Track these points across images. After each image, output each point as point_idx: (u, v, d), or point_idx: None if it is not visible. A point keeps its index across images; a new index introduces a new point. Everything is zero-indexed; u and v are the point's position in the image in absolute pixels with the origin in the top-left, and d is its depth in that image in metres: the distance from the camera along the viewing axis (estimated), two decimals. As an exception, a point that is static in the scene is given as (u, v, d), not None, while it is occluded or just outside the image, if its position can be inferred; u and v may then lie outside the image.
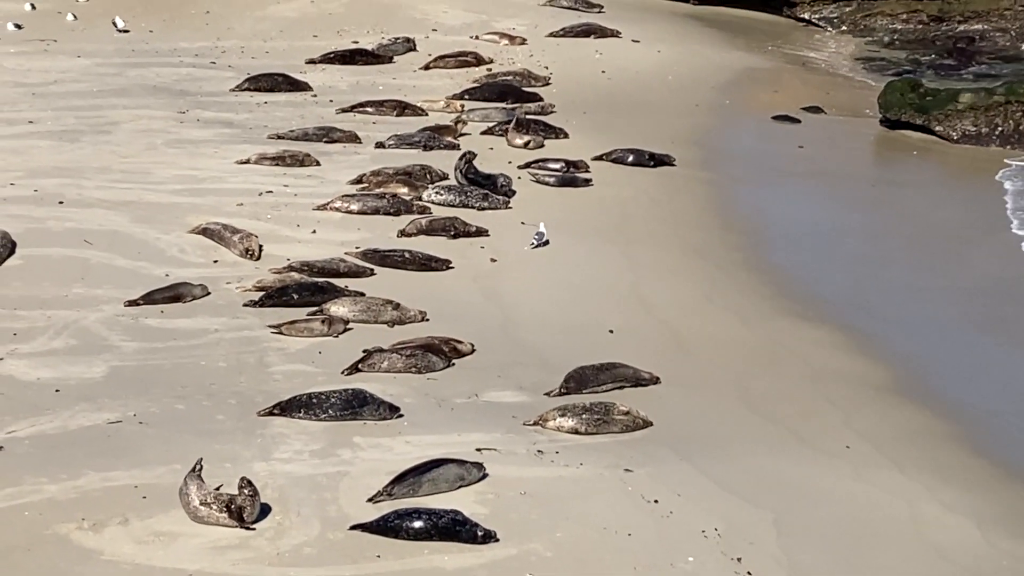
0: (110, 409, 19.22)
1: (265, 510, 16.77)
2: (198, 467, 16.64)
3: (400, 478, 17.35)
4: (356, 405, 19.35)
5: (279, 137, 31.88)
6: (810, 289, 26.01)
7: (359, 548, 16.27)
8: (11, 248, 24.33)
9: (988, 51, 46.48)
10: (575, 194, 30.03)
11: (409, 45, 40.47)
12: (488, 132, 33.12)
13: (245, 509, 16.47)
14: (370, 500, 17.11)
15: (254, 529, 16.47)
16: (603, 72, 39.59)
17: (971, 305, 25.70)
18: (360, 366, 20.93)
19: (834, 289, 26.20)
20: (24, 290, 23.01)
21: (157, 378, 20.32)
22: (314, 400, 19.34)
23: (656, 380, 21.26)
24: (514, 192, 29.09)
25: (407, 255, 25.27)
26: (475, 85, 37.15)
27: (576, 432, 19.43)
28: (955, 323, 25.05)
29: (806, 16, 49.57)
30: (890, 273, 27.09)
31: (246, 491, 16.49)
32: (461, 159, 29.18)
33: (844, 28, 49.13)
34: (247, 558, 16.02)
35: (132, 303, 22.75)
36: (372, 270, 24.69)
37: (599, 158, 32.14)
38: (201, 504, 16.47)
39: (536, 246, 26.47)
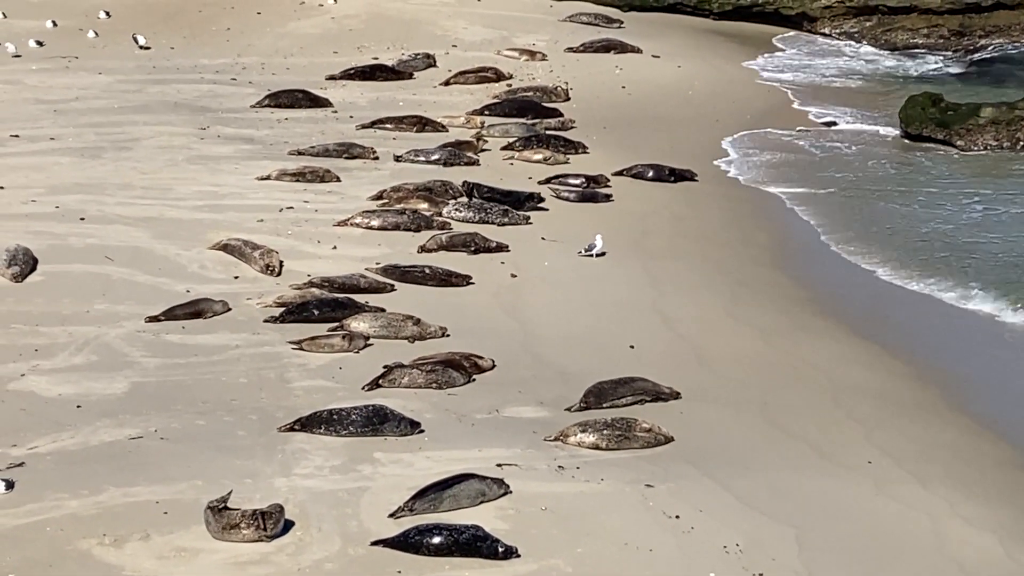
0: (131, 425, 19.26)
1: (286, 525, 16.77)
2: (223, 502, 16.58)
3: (421, 493, 17.35)
4: (377, 421, 19.36)
5: (299, 153, 31.96)
6: (832, 304, 25.93)
7: (380, 564, 16.26)
8: (33, 264, 24.39)
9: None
10: (595, 209, 30.06)
11: (429, 61, 40.53)
12: (508, 148, 33.18)
13: (271, 517, 16.46)
14: (392, 516, 17.11)
15: (270, 540, 16.49)
16: (623, 87, 39.61)
17: (992, 320, 25.60)
18: (380, 382, 20.94)
19: (856, 303, 26.11)
20: (45, 306, 23.08)
21: (178, 394, 20.36)
22: (335, 416, 19.36)
23: (677, 395, 21.22)
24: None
25: (427, 271, 25.29)
26: (495, 101, 37.19)
27: (597, 448, 19.41)
28: (977, 337, 24.95)
29: (827, 31, 49.51)
30: (913, 288, 27.00)
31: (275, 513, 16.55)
32: (462, 188, 29.24)
33: (865, 43, 49.05)
34: (268, 573, 16.02)
35: (153, 319, 22.80)
36: (392, 286, 24.71)
37: (619, 173, 32.19)
38: (226, 530, 16.47)
39: (585, 254, 26.77)
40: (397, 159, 31.83)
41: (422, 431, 19.48)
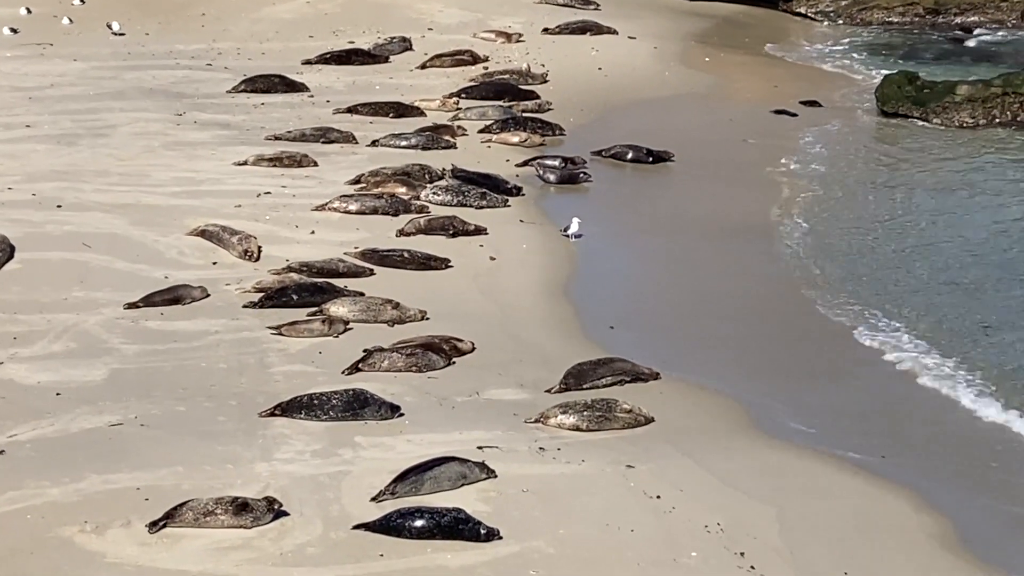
0: (111, 412, 19.22)
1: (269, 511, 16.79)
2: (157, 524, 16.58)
3: (402, 476, 17.36)
4: (357, 405, 19.35)
5: (276, 138, 31.89)
6: (811, 283, 25.95)
7: (362, 547, 16.27)
8: (10, 252, 24.33)
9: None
10: (574, 191, 30.10)
11: (405, 44, 40.47)
12: (485, 130, 33.20)
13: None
14: (373, 499, 17.11)
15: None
16: (599, 69, 39.59)
17: (973, 305, 25.67)
18: (360, 366, 20.94)
19: (837, 282, 26.11)
20: (23, 294, 23.01)
21: (158, 380, 20.33)
22: (315, 401, 19.35)
23: (656, 376, 21.25)
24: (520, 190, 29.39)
25: (406, 254, 25.28)
26: (472, 83, 37.17)
27: (577, 429, 19.43)
28: (958, 319, 25.04)
29: (802, 11, 49.57)
30: (893, 263, 27.04)
31: None
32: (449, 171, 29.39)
33: (840, 22, 49.16)
34: (250, 559, 16.02)
35: (132, 306, 22.76)
36: (371, 270, 24.69)
37: (598, 153, 32.32)
38: (203, 517, 16.52)
39: (566, 229, 27.13)
40: (374, 143, 31.81)
41: (402, 415, 19.48)
